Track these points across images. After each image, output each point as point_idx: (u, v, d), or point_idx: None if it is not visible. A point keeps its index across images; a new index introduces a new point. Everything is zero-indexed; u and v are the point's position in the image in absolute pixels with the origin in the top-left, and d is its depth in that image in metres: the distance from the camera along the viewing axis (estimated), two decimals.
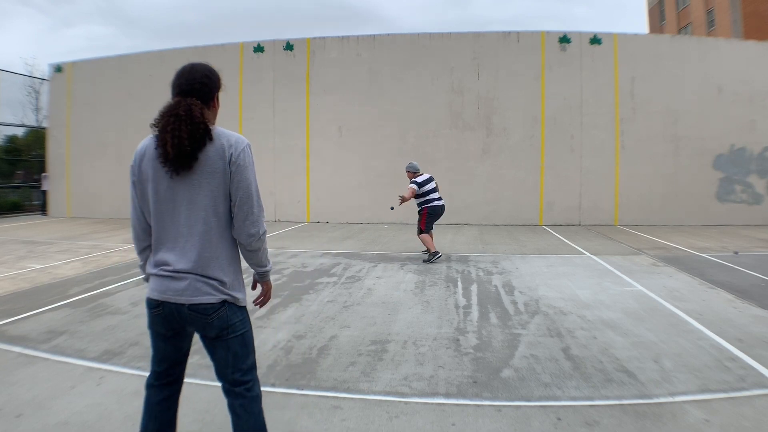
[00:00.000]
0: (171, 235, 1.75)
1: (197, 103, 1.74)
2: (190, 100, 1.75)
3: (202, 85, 1.82)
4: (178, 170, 1.68)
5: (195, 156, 1.67)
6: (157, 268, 1.76)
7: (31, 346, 3.68)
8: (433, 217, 7.43)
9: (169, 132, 1.66)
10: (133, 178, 1.89)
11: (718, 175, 12.48)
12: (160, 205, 1.76)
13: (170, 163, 1.67)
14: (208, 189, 1.70)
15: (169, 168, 1.69)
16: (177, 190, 1.72)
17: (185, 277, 1.71)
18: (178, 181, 1.70)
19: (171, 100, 1.82)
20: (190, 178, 1.70)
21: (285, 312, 4.60)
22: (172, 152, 1.65)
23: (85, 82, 15.02)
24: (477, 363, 3.35)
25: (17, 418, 2.58)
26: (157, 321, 1.83)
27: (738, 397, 2.81)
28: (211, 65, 1.90)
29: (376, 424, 2.54)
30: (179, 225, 1.73)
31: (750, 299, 5.00)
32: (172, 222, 1.74)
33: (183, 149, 1.65)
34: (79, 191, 15.02)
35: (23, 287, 5.62)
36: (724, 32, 29.06)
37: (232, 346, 1.86)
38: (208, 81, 1.85)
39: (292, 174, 13.57)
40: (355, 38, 13.41)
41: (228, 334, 1.83)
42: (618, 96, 12.53)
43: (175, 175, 1.69)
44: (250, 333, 1.92)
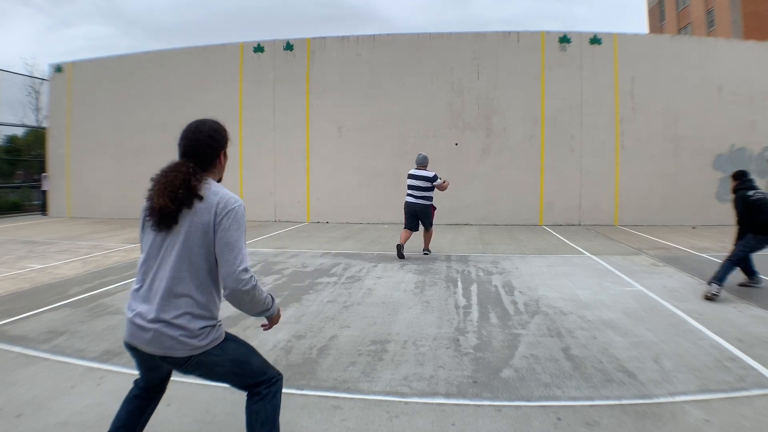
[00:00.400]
0: (147, 283, 1.80)
1: (191, 170, 1.81)
2: (186, 167, 1.81)
3: (206, 147, 1.87)
4: (160, 227, 1.78)
5: (176, 218, 1.76)
6: (131, 312, 1.79)
7: (31, 346, 3.68)
8: (406, 210, 7.60)
9: (156, 192, 1.79)
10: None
11: (718, 175, 12.47)
12: (148, 251, 1.84)
13: (155, 218, 1.78)
14: (191, 243, 1.76)
15: (154, 223, 1.78)
16: (164, 241, 1.80)
17: (150, 328, 1.73)
18: (166, 233, 1.79)
19: (176, 159, 1.91)
20: (176, 232, 1.77)
21: (285, 312, 4.60)
22: (156, 210, 1.77)
23: (85, 82, 15.02)
24: (477, 363, 3.35)
25: (17, 418, 2.58)
26: (134, 358, 1.88)
27: (738, 397, 2.81)
28: (218, 122, 1.94)
29: (376, 424, 2.54)
30: (157, 274, 1.78)
31: (750, 299, 5.00)
32: (154, 270, 1.79)
33: (165, 209, 1.75)
34: (79, 191, 15.02)
35: (23, 287, 5.62)
36: (724, 32, 29.07)
37: (226, 375, 1.89)
38: (212, 142, 1.88)
39: (292, 174, 13.57)
40: (355, 38, 13.41)
41: (213, 371, 1.86)
42: (618, 96, 12.53)
43: (157, 230, 1.79)
44: (240, 349, 1.91)
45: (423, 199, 7.55)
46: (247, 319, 4.36)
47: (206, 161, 1.86)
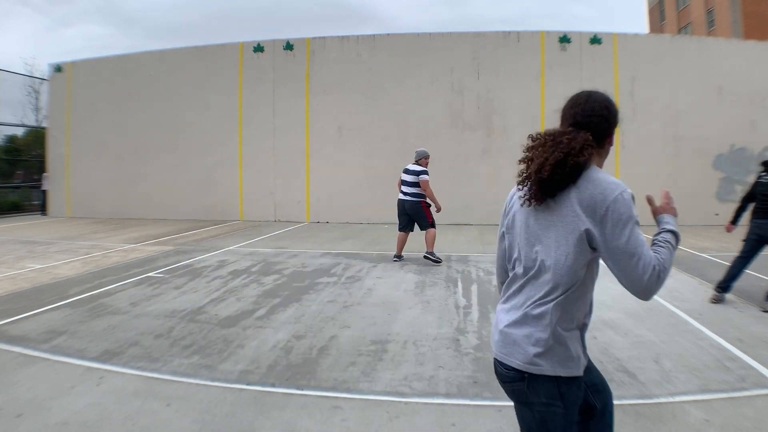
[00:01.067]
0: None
1: (589, 139, 1.44)
2: (584, 134, 1.45)
3: (601, 119, 1.53)
4: (531, 200, 1.45)
5: (553, 192, 1.41)
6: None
7: (31, 346, 3.68)
8: (399, 211, 7.23)
9: (538, 150, 1.47)
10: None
11: (718, 175, 12.47)
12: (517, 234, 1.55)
13: (530, 187, 1.45)
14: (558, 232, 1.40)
15: (527, 194, 1.47)
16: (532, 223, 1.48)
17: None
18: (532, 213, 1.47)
19: (559, 127, 1.54)
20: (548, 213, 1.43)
21: (285, 312, 4.60)
22: (535, 174, 1.43)
23: (85, 82, 15.02)
24: (477, 363, 3.35)
25: (17, 418, 2.58)
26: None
27: (738, 397, 2.81)
28: (609, 96, 1.61)
29: (376, 424, 2.54)
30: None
31: (750, 299, 5.00)
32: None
33: (544, 175, 1.40)
34: (79, 191, 15.02)
35: (23, 287, 5.62)
36: (724, 32, 29.06)
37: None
38: (608, 114, 1.55)
39: (292, 174, 13.56)
40: (355, 38, 13.40)
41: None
42: (618, 96, 12.52)
43: (528, 204, 1.47)
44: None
45: (412, 196, 7.01)
46: (247, 319, 4.37)
47: (599, 137, 1.50)
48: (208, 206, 13.81)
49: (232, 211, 13.78)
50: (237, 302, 4.95)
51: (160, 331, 4.03)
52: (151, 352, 3.56)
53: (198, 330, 4.07)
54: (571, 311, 1.43)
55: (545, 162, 1.40)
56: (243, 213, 13.77)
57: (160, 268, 6.66)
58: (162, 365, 3.32)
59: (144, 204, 14.31)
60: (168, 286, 5.66)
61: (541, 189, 1.41)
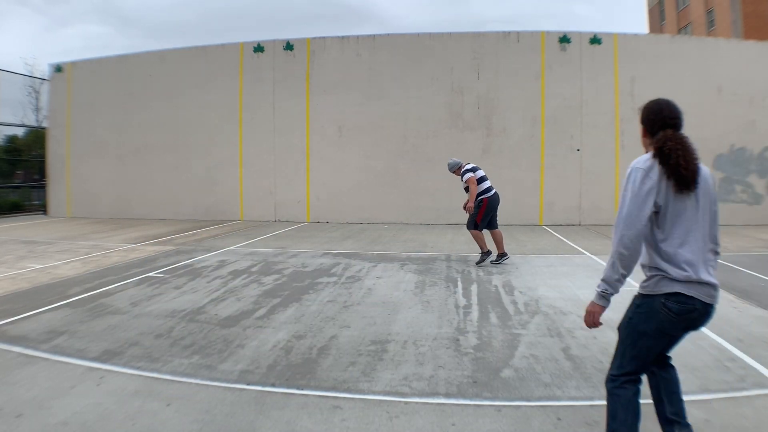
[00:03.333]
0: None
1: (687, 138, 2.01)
2: (682, 135, 2.01)
3: (682, 121, 2.07)
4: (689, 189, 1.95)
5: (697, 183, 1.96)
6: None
7: (31, 346, 3.68)
8: (492, 209, 6.91)
9: (684, 157, 1.94)
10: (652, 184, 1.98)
11: (718, 175, 12.45)
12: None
13: (684, 183, 1.93)
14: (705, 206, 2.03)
15: (681, 187, 1.94)
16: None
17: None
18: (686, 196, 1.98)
19: (662, 133, 2.03)
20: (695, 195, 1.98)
21: (285, 312, 4.60)
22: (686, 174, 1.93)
23: (85, 82, 15.02)
24: (477, 363, 3.35)
25: (17, 418, 2.58)
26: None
27: (738, 397, 2.81)
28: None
29: (376, 424, 2.54)
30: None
31: (750, 299, 5.00)
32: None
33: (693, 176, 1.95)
34: (79, 191, 15.02)
35: (23, 287, 5.62)
36: (724, 32, 29.06)
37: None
38: (681, 115, 2.08)
39: (292, 174, 13.56)
40: (355, 38, 13.41)
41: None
42: (618, 96, 12.53)
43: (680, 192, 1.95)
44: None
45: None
46: (247, 319, 4.37)
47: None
48: (208, 206, 13.82)
49: (232, 210, 13.78)
50: (237, 302, 4.95)
51: (161, 331, 4.03)
52: (151, 352, 3.56)
53: (198, 330, 4.08)
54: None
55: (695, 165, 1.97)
56: (243, 213, 13.77)
57: (161, 268, 6.66)
58: (162, 365, 3.32)
59: (144, 204, 14.31)
60: (168, 286, 5.66)
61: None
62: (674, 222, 1.94)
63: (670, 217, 1.94)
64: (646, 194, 1.91)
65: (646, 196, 1.91)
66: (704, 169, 2.02)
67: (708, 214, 2.00)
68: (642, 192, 1.92)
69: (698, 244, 1.95)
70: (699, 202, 1.96)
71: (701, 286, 1.91)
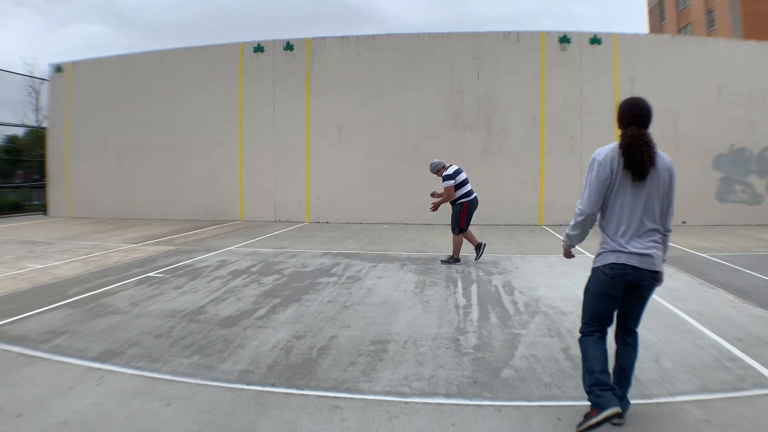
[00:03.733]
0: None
1: (649, 134, 2.43)
2: (644, 132, 2.43)
3: (648, 118, 2.46)
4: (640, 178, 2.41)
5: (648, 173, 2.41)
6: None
7: (31, 346, 3.68)
8: (471, 212, 6.98)
9: (642, 151, 2.37)
10: (606, 175, 2.45)
11: (718, 175, 12.47)
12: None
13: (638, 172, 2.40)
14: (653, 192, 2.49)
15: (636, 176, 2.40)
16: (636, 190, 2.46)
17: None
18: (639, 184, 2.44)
19: (628, 129, 2.44)
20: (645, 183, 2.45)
21: (285, 312, 4.60)
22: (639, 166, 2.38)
23: (85, 82, 15.02)
24: (477, 363, 3.35)
25: (17, 418, 2.58)
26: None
27: (738, 397, 2.81)
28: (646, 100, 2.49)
29: (376, 424, 2.55)
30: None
31: (750, 299, 5.00)
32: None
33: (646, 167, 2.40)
34: (79, 191, 15.03)
35: (23, 287, 5.62)
36: (724, 32, 29.07)
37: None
38: (649, 113, 2.46)
39: (292, 174, 13.57)
40: (355, 38, 13.41)
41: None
42: (618, 96, 12.51)
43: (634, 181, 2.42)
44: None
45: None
46: (247, 319, 4.37)
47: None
48: (208, 206, 13.82)
49: (232, 211, 13.79)
50: (237, 302, 4.95)
51: (161, 331, 4.03)
52: (152, 352, 3.56)
53: (198, 330, 4.08)
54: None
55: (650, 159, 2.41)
56: (243, 213, 13.77)
57: (161, 268, 6.66)
58: (162, 365, 3.32)
59: (144, 204, 14.31)
60: (168, 286, 5.66)
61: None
62: (620, 204, 2.43)
63: (618, 200, 2.44)
64: (601, 183, 2.44)
65: (601, 185, 2.44)
66: (663, 159, 2.47)
67: (656, 198, 2.44)
68: (599, 182, 2.44)
69: (636, 222, 2.42)
70: (646, 188, 2.41)
71: (630, 255, 2.39)
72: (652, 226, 2.43)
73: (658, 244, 2.45)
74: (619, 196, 2.43)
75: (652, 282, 2.46)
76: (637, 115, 2.43)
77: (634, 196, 2.41)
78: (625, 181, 2.41)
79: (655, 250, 2.42)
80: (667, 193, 2.47)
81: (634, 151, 2.36)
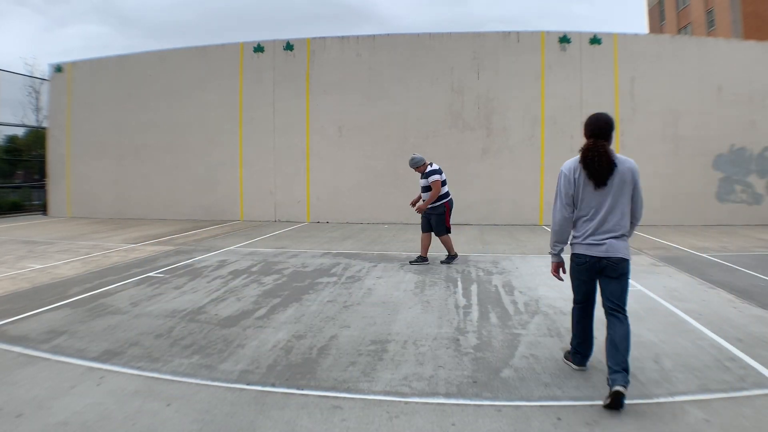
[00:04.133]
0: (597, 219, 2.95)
1: (606, 144, 2.85)
2: (600, 143, 2.84)
3: (611, 130, 2.90)
4: (600, 184, 2.84)
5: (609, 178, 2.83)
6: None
7: (31, 346, 3.68)
8: (451, 212, 6.97)
9: (595, 161, 2.80)
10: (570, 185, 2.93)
11: (718, 175, 12.47)
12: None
13: (596, 180, 2.84)
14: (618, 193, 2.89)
15: (596, 183, 2.84)
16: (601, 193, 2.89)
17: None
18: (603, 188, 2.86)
19: (586, 142, 2.89)
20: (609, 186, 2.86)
21: (285, 312, 4.60)
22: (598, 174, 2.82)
23: (85, 82, 15.02)
24: (477, 363, 3.35)
25: (17, 418, 2.58)
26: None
27: (738, 397, 2.81)
28: (608, 114, 2.93)
29: (376, 424, 2.55)
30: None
31: (750, 299, 5.00)
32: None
33: (603, 175, 2.82)
34: (79, 191, 15.02)
35: (23, 287, 5.62)
36: (724, 32, 29.07)
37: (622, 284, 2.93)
38: (607, 127, 2.88)
39: (292, 174, 13.57)
40: (355, 38, 13.41)
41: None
42: (618, 96, 12.53)
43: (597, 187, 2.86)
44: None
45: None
46: (247, 319, 4.37)
47: (608, 140, 2.87)
48: (208, 206, 13.82)
49: (232, 210, 13.79)
50: (237, 302, 4.95)
51: (161, 331, 4.03)
52: (152, 352, 3.56)
53: (198, 330, 4.08)
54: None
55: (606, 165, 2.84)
56: (243, 213, 13.78)
57: (161, 268, 6.66)
58: (162, 365, 3.32)
59: (144, 204, 14.31)
60: (168, 286, 5.66)
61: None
62: (587, 205, 2.89)
63: (585, 202, 2.89)
64: (567, 193, 2.92)
65: (567, 194, 2.93)
66: (624, 163, 2.84)
67: (621, 197, 2.83)
68: (566, 191, 2.93)
69: (600, 219, 2.85)
70: (610, 190, 2.82)
71: (589, 246, 2.89)
72: (615, 222, 2.84)
73: (618, 236, 2.85)
74: (586, 200, 2.87)
75: (616, 266, 2.85)
76: (596, 129, 2.86)
77: (598, 199, 2.84)
78: (588, 187, 2.85)
79: (613, 240, 2.84)
80: (633, 190, 2.85)
81: (590, 162, 2.80)
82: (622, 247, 2.85)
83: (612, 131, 2.89)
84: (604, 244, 2.84)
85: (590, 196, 2.86)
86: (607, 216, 2.83)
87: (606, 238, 2.84)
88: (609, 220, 2.83)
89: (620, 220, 2.84)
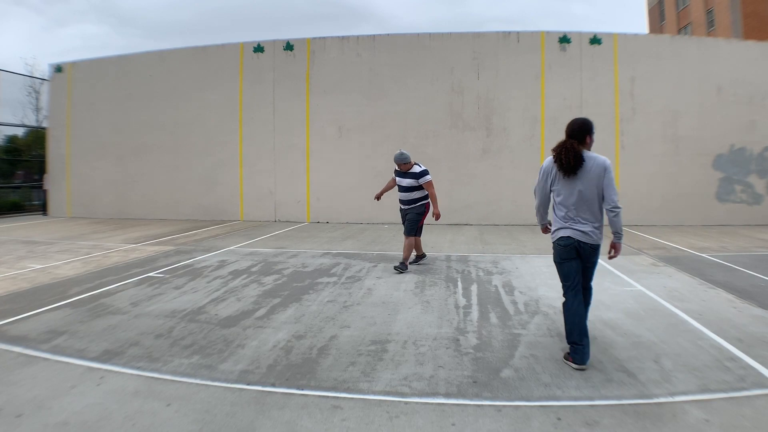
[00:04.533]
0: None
1: (576, 145, 3.33)
2: (570, 141, 3.33)
3: (579, 131, 3.38)
4: (569, 176, 3.33)
5: (576, 171, 3.31)
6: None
7: (31, 346, 3.68)
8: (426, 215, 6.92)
9: (562, 155, 3.30)
10: (545, 178, 3.48)
11: (718, 175, 12.47)
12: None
13: (564, 170, 3.32)
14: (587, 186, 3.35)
15: (565, 174, 3.33)
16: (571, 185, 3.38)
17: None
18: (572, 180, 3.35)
19: (561, 141, 3.38)
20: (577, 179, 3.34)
21: (285, 312, 4.60)
22: (565, 165, 3.31)
23: (85, 82, 15.02)
24: (477, 363, 3.35)
25: (17, 418, 2.59)
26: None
27: (738, 397, 2.82)
28: (586, 119, 3.45)
29: (376, 424, 2.55)
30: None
31: (750, 299, 5.00)
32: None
33: (570, 166, 3.30)
34: (80, 191, 15.03)
35: (23, 287, 5.62)
36: (724, 32, 29.07)
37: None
38: (579, 129, 3.38)
39: (292, 174, 13.57)
40: (355, 38, 13.41)
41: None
42: (618, 96, 12.54)
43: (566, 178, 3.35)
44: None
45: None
46: (247, 319, 4.37)
47: (581, 140, 3.35)
48: (208, 206, 13.82)
49: (232, 211, 13.79)
50: (237, 302, 4.96)
51: (161, 331, 4.03)
52: (152, 352, 3.56)
53: (198, 330, 4.08)
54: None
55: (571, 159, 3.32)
56: (243, 213, 13.78)
57: (161, 268, 6.66)
58: (162, 365, 3.32)
59: (144, 204, 14.32)
60: (168, 286, 5.66)
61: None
62: (563, 194, 3.37)
63: (562, 192, 3.37)
64: (544, 181, 3.47)
65: (544, 182, 3.47)
66: (595, 159, 3.30)
67: (590, 189, 3.28)
68: (543, 180, 3.48)
69: (576, 207, 3.32)
70: (580, 181, 3.29)
71: (573, 230, 3.33)
72: (587, 210, 3.32)
73: (592, 224, 3.33)
74: (561, 191, 3.37)
75: (591, 252, 3.38)
76: (570, 130, 3.40)
77: (570, 190, 3.33)
78: (562, 179, 3.35)
79: (590, 228, 3.32)
80: (602, 182, 3.27)
81: (558, 156, 3.31)
82: (595, 235, 3.34)
83: (586, 133, 3.34)
84: (585, 231, 3.31)
85: (564, 187, 3.35)
86: (579, 204, 3.31)
87: (585, 226, 3.31)
88: (581, 209, 3.31)
89: (591, 207, 3.31)
